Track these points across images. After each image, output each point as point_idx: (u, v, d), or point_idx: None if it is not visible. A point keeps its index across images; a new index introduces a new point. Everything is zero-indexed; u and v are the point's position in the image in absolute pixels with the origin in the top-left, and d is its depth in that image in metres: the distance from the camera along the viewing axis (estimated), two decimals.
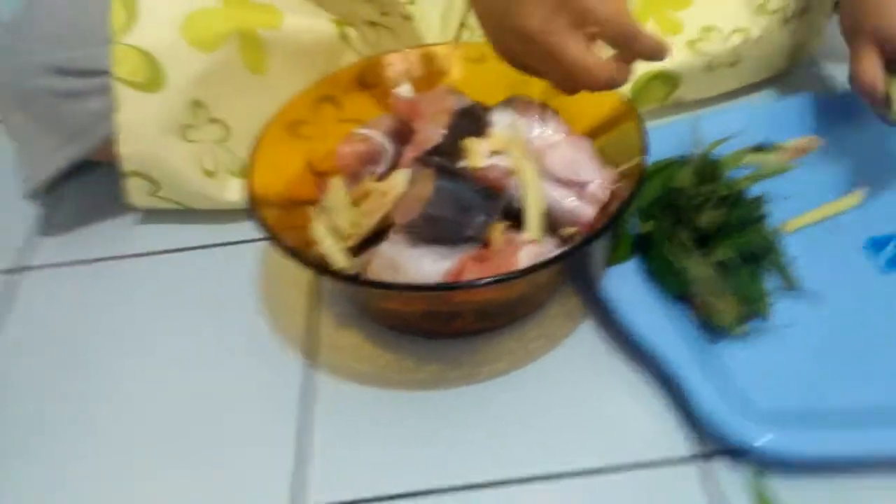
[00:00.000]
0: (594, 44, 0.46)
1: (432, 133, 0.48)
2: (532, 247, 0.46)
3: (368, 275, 0.47)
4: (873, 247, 0.54)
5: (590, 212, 0.48)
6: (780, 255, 0.53)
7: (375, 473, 0.46)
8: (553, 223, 0.49)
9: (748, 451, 0.43)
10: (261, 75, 0.61)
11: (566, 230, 0.49)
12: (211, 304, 0.58)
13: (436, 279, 0.44)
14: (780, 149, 0.61)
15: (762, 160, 0.61)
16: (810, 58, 0.74)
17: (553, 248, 0.48)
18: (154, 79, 0.56)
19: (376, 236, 0.50)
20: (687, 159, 0.58)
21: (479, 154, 0.49)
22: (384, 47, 0.66)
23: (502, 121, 0.51)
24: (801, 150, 0.62)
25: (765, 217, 0.54)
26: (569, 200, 0.48)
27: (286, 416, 0.49)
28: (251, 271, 0.60)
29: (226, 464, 0.47)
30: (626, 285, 0.51)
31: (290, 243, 0.46)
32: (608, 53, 0.47)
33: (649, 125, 0.52)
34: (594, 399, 0.48)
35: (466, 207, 0.45)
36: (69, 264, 0.63)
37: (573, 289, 0.54)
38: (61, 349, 0.56)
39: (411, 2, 0.65)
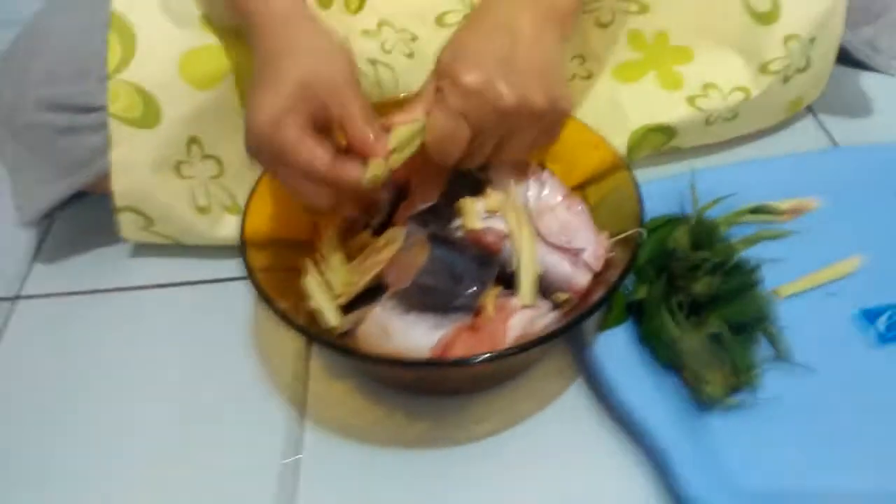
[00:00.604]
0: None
1: (428, 194, 0.47)
2: (524, 313, 0.46)
3: (359, 335, 0.46)
4: (866, 318, 0.54)
5: (584, 279, 0.48)
6: (773, 324, 0.53)
7: None
8: (546, 287, 0.49)
9: None
10: None
11: (559, 296, 0.48)
12: (200, 344, 0.57)
13: (426, 349, 0.44)
14: (775, 210, 0.61)
15: (758, 221, 0.61)
16: (808, 109, 0.74)
17: (545, 312, 0.48)
18: (149, 115, 0.55)
19: (369, 291, 0.49)
20: (682, 219, 0.58)
21: (474, 215, 0.49)
22: (383, 85, 0.65)
23: (500, 180, 0.51)
24: (796, 211, 0.62)
25: (759, 285, 0.54)
26: (563, 266, 0.48)
27: (269, 468, 0.49)
28: (243, 310, 0.59)
29: None
30: (616, 351, 0.50)
31: (279, 301, 0.46)
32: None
33: (645, 172, 0.52)
34: (578, 467, 0.48)
35: (459, 277, 0.45)
36: (61, 295, 0.62)
37: (565, 346, 0.54)
38: (49, 382, 0.55)
39: (414, 39, 0.64)
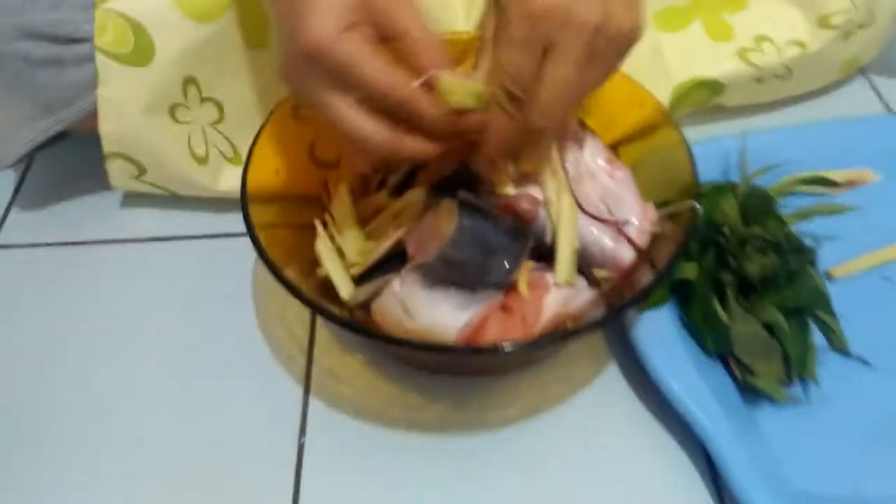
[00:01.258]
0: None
1: (451, 155, 0.42)
2: (559, 292, 0.41)
3: (374, 309, 0.41)
4: None
5: (628, 256, 0.43)
6: (829, 310, 0.48)
7: None
8: (583, 263, 0.43)
9: None
10: (260, 50, 0.54)
11: (598, 273, 0.43)
12: (200, 304, 0.52)
13: (453, 330, 0.38)
14: (831, 181, 0.56)
15: (811, 192, 0.56)
16: (862, 69, 0.68)
17: (582, 291, 0.43)
18: (141, 51, 0.49)
19: (387, 257, 0.44)
20: (730, 187, 0.52)
21: (507, 177, 0.43)
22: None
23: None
24: (852, 183, 0.57)
25: (815, 265, 0.49)
26: (604, 240, 0.43)
27: (269, 450, 0.45)
28: (245, 270, 0.54)
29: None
30: (659, 334, 0.45)
31: (284, 266, 0.40)
32: None
33: (687, 131, 0.47)
34: (614, 457, 0.44)
35: (491, 251, 0.39)
36: (43, 245, 0.56)
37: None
38: (32, 342, 0.50)
39: None
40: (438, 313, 0.39)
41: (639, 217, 0.44)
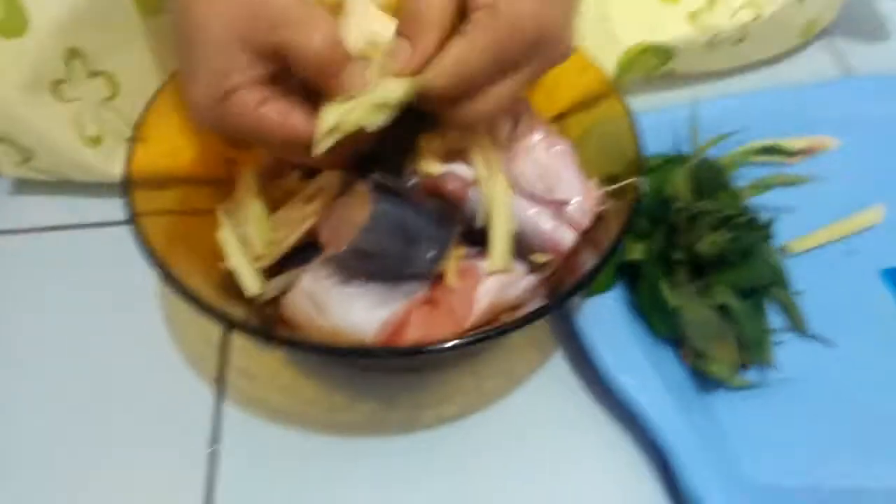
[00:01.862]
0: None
1: (365, 138, 0.37)
2: (494, 280, 0.37)
3: (284, 307, 0.36)
4: (892, 279, 0.46)
5: (568, 238, 0.38)
6: (787, 288, 0.44)
7: None
8: (521, 247, 0.39)
9: None
10: (155, 17, 0.48)
11: (537, 257, 0.39)
12: (101, 299, 0.46)
13: (371, 329, 0.34)
14: (787, 149, 0.52)
15: (767, 161, 0.52)
16: (823, 32, 0.65)
17: (520, 277, 0.39)
18: (13, 20, 0.42)
19: (300, 247, 0.39)
20: (681, 159, 0.48)
21: (433, 156, 0.38)
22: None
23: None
24: (810, 151, 0.53)
25: (771, 240, 0.45)
26: (543, 221, 0.38)
27: (181, 458, 0.40)
28: None
29: None
30: (605, 320, 0.42)
31: (176, 260, 0.35)
32: None
33: (633, 102, 0.43)
34: (558, 454, 0.40)
35: (412, 238, 0.34)
36: None
37: None
38: None
39: None
40: (354, 311, 0.34)
41: (579, 196, 0.39)
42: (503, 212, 0.37)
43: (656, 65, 0.58)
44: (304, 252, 0.38)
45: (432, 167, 0.38)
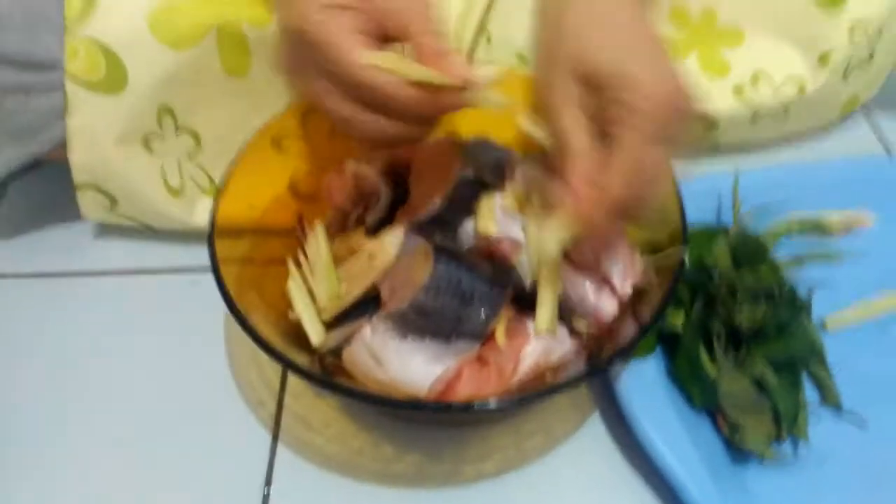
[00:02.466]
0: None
1: (430, 197, 0.40)
2: (538, 342, 0.39)
3: (345, 357, 0.39)
4: None
5: (610, 307, 0.41)
6: (823, 363, 0.46)
7: None
8: (565, 311, 0.41)
9: None
10: (240, 78, 0.52)
11: (581, 322, 0.41)
12: (172, 341, 0.50)
13: (425, 384, 0.37)
14: (826, 224, 0.54)
15: (806, 235, 0.54)
16: (863, 107, 0.66)
17: (564, 340, 0.41)
18: (114, 78, 0.47)
19: (360, 303, 0.42)
20: (723, 229, 0.51)
21: (491, 217, 0.41)
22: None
23: (525, 178, 0.43)
24: (849, 226, 0.55)
25: (809, 314, 0.47)
26: (586, 289, 0.41)
27: (233, 499, 0.42)
28: (222, 303, 0.51)
29: None
30: (644, 387, 0.43)
31: (250, 309, 0.39)
32: None
33: (678, 169, 0.45)
34: None
35: (468, 299, 0.37)
36: (9, 277, 0.54)
37: None
38: None
39: None
40: (410, 365, 0.37)
41: (624, 266, 0.42)
42: (551, 277, 0.40)
43: (700, 134, 0.60)
44: (364, 306, 0.41)
45: (489, 227, 0.41)
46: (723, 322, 0.45)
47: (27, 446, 0.45)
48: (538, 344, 0.40)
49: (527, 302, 0.42)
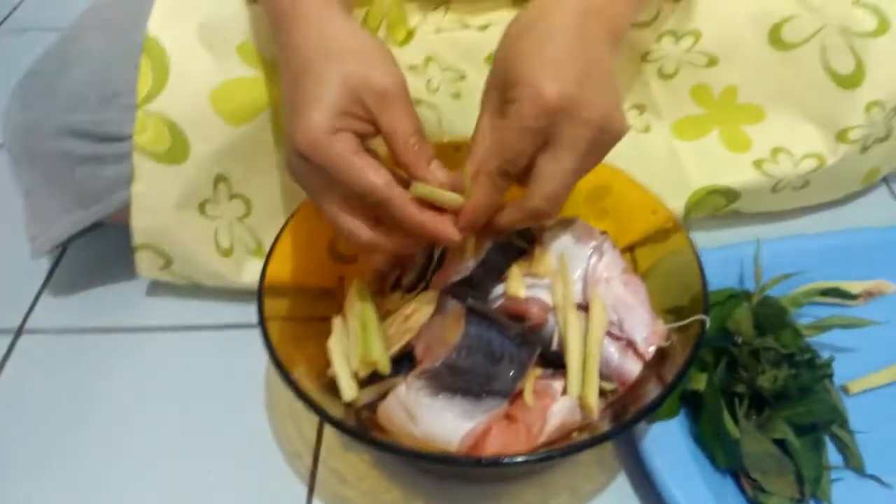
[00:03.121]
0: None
1: (462, 265, 0.43)
2: (565, 402, 0.41)
3: (380, 412, 0.42)
4: None
5: (634, 368, 0.43)
6: (845, 427, 0.47)
7: None
8: None
9: None
10: None
11: (605, 384, 0.43)
12: (215, 394, 0.53)
13: (456, 439, 0.39)
14: (847, 292, 0.56)
15: (828, 302, 0.55)
16: (881, 179, 0.68)
17: None
18: (177, 150, 0.51)
19: (395, 360, 0.45)
20: (743, 296, 0.52)
21: (520, 281, 0.44)
22: (425, 127, 0.61)
23: (554, 244, 0.46)
24: (870, 294, 0.56)
25: (831, 379, 0.48)
26: (611, 352, 0.43)
27: None
28: (264, 358, 0.54)
29: None
30: (668, 447, 0.45)
31: (293, 363, 0.42)
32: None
33: (698, 237, 0.47)
34: None
35: (497, 358, 0.40)
36: (68, 332, 0.58)
37: None
38: (47, 424, 0.52)
39: (462, 78, 0.60)
40: (442, 421, 0.39)
41: (647, 329, 0.44)
42: (577, 343, 0.42)
43: (723, 205, 0.63)
44: (399, 364, 0.44)
45: (518, 292, 0.43)
46: (745, 385, 0.46)
47: (77, 493, 0.48)
48: (565, 403, 0.42)
49: (555, 362, 0.44)
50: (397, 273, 0.51)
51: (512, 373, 0.40)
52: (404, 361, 0.44)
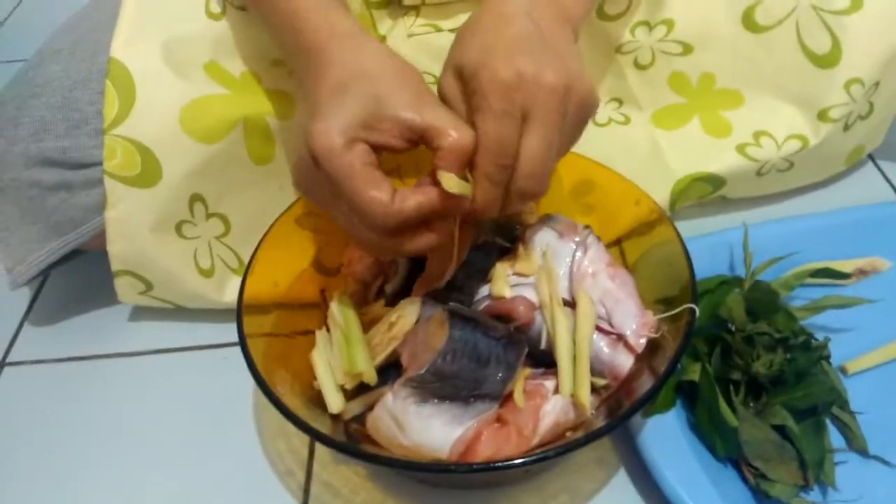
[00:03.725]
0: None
1: (447, 263, 0.42)
2: (557, 401, 0.40)
3: (368, 424, 0.41)
4: None
5: (626, 363, 0.42)
6: (846, 408, 0.46)
7: None
8: None
9: None
10: (265, 166, 0.55)
11: (596, 381, 0.42)
12: (200, 416, 0.52)
13: (446, 446, 0.38)
14: (839, 272, 0.55)
15: (820, 283, 0.54)
16: (867, 157, 0.68)
17: None
18: (149, 173, 0.50)
19: (381, 370, 0.44)
20: (734, 282, 0.51)
21: (504, 281, 0.43)
22: None
23: (537, 241, 0.45)
24: (863, 272, 0.56)
25: (828, 360, 0.47)
26: (604, 347, 0.42)
27: None
28: (251, 377, 0.54)
29: None
30: (666, 440, 0.44)
31: (276, 380, 0.41)
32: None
33: (688, 225, 0.46)
34: None
35: (484, 361, 0.39)
36: (50, 362, 0.57)
37: None
38: (35, 456, 0.50)
39: (436, 81, 0.59)
40: (430, 429, 0.38)
41: (637, 322, 0.43)
42: (566, 342, 0.41)
43: (709, 192, 0.62)
44: (386, 373, 0.43)
45: (503, 292, 0.42)
46: (741, 372, 0.46)
47: None
48: (557, 402, 0.41)
49: (545, 361, 0.43)
50: (380, 281, 0.50)
51: (500, 375, 0.39)
52: (391, 370, 0.43)
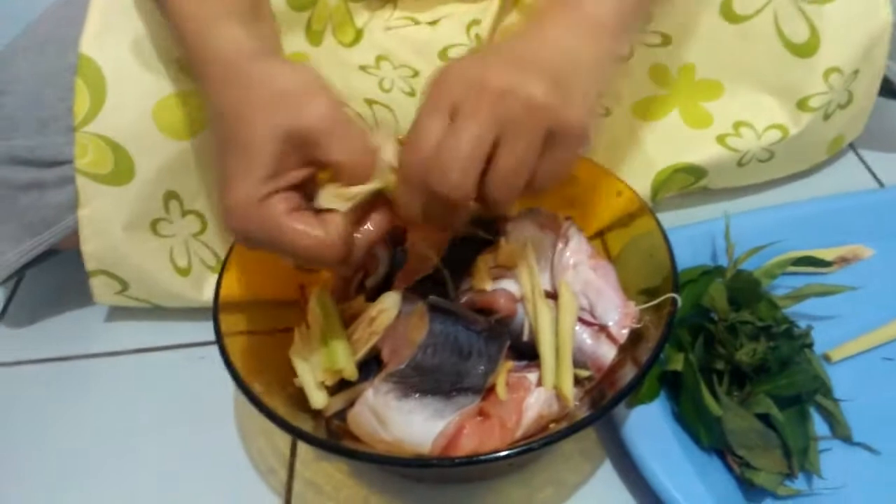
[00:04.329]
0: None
1: (427, 257, 0.41)
2: (540, 393, 0.40)
3: (350, 421, 0.40)
4: None
5: (609, 354, 0.41)
6: (829, 396, 0.46)
7: None
8: None
9: None
10: None
11: (579, 372, 0.42)
12: (183, 414, 0.51)
13: (428, 441, 0.37)
14: (821, 260, 0.55)
15: (802, 272, 0.54)
16: (848, 146, 0.68)
17: None
18: (121, 171, 0.49)
19: (362, 366, 0.43)
20: (717, 271, 0.51)
21: (486, 274, 0.43)
22: (381, 128, 0.60)
23: (518, 234, 0.45)
24: (845, 260, 0.56)
25: (811, 348, 0.47)
26: (586, 338, 0.42)
27: None
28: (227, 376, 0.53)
29: None
30: (651, 431, 0.44)
31: (255, 378, 0.40)
32: None
33: (670, 216, 0.46)
34: None
35: (466, 355, 0.38)
36: (26, 363, 0.56)
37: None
38: (11, 459, 0.49)
39: (415, 75, 0.59)
40: (412, 424, 0.37)
41: (619, 312, 0.42)
42: (549, 334, 0.41)
43: (690, 182, 0.62)
44: (367, 368, 0.42)
45: (484, 285, 0.42)
46: (725, 361, 0.45)
47: None
48: (540, 394, 0.40)
49: (528, 353, 0.43)
50: (361, 276, 0.50)
51: (482, 368, 0.39)
52: (372, 365, 0.43)
